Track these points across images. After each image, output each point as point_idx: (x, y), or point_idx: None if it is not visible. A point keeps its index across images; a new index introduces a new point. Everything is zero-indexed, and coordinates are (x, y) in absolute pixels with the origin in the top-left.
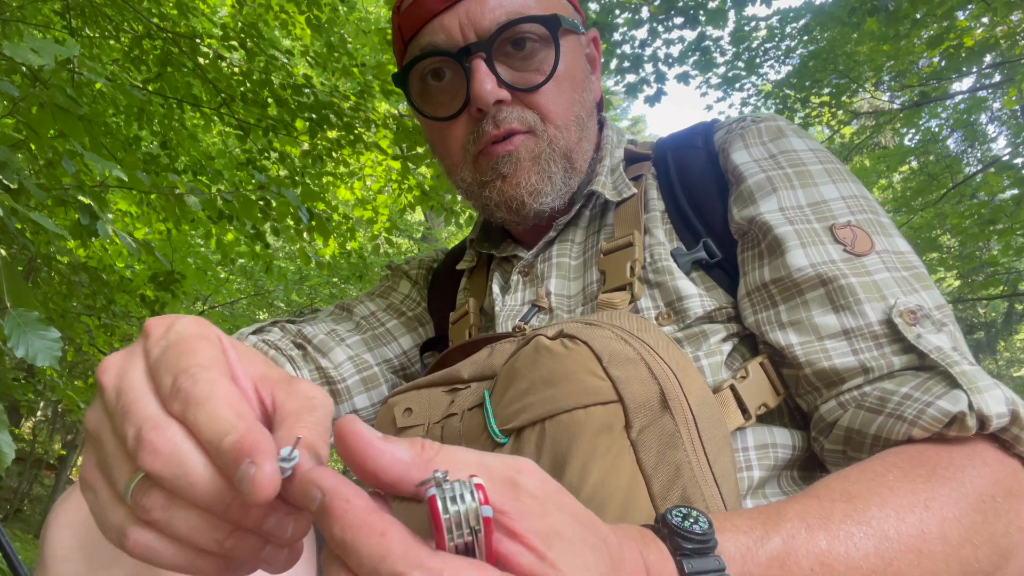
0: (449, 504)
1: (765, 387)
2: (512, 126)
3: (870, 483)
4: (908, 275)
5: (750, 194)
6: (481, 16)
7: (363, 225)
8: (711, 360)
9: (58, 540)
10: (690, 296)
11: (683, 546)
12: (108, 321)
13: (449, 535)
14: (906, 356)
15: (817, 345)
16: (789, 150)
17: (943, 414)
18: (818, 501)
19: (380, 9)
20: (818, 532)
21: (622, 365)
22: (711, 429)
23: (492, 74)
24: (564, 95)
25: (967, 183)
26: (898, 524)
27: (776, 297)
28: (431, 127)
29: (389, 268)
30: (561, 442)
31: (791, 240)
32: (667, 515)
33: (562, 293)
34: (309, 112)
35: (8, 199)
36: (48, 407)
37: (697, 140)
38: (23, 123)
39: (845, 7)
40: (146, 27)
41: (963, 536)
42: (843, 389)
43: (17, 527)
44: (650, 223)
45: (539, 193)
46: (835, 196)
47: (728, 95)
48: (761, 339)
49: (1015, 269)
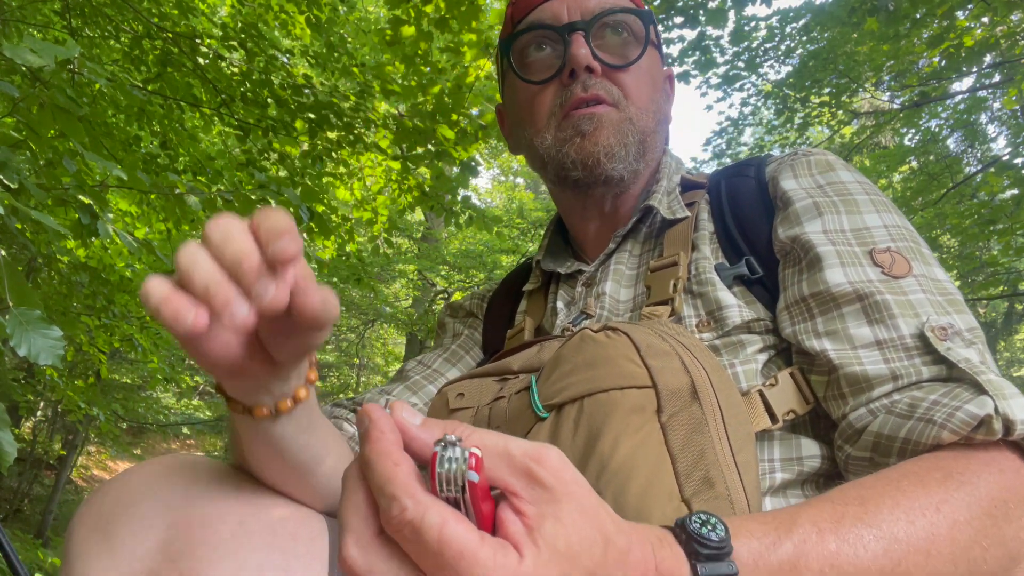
0: (446, 462)
1: (793, 395)
2: (598, 93)
3: (884, 488)
4: (943, 299)
5: (796, 216)
6: (587, 2)
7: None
8: (746, 367)
9: (82, 537)
10: (730, 306)
11: (699, 552)
12: (108, 321)
13: (440, 487)
14: (936, 367)
15: (851, 352)
16: (837, 182)
17: (971, 417)
18: (831, 505)
19: (380, 9)
20: (828, 536)
21: (658, 356)
22: (736, 424)
23: (588, 46)
24: (646, 87)
25: (967, 183)
26: (908, 526)
27: (814, 310)
28: (522, 91)
29: (445, 308)
30: (597, 418)
31: (831, 259)
32: (686, 521)
33: (615, 297)
34: (309, 112)
35: (9, 198)
36: (48, 407)
37: (750, 170)
38: (23, 123)
39: (845, 7)
40: (146, 27)
41: (972, 538)
42: (873, 396)
43: (17, 527)
44: (699, 241)
45: (614, 155)
46: (878, 224)
47: (728, 95)
48: (797, 348)
49: (1015, 269)
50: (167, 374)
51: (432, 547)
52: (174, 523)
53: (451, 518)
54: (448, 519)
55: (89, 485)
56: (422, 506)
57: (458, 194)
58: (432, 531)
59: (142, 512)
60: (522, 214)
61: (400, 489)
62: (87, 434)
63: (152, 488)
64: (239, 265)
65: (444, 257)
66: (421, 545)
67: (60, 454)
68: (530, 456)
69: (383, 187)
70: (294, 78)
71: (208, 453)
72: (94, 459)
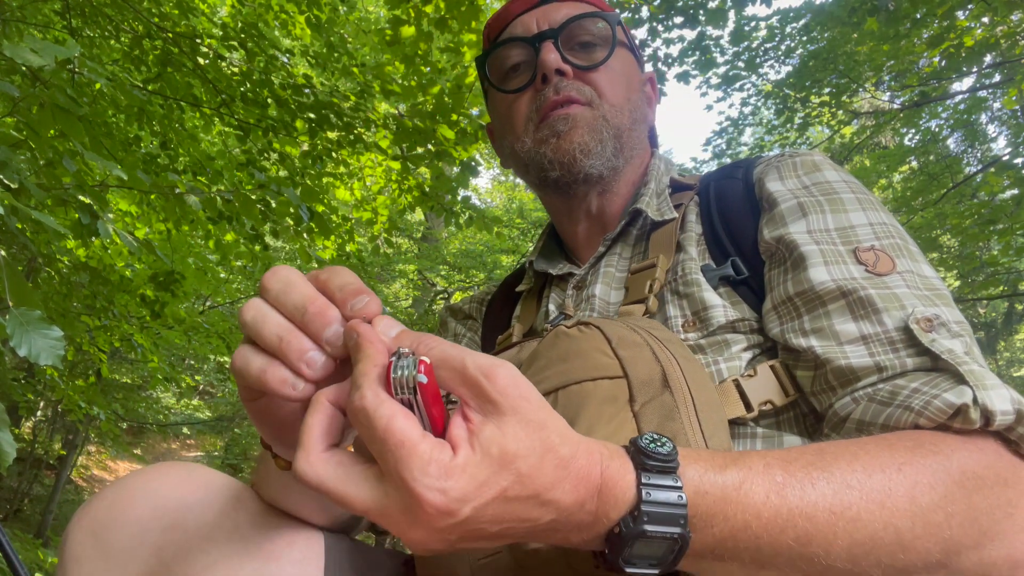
0: (398, 368)
1: (772, 386)
2: (571, 94)
3: (848, 447)
4: (929, 293)
5: (781, 217)
6: (555, 13)
7: (363, 226)
8: (729, 364)
9: (77, 542)
10: (715, 306)
11: (646, 463)
12: (108, 321)
13: (395, 390)
14: (920, 358)
15: (836, 348)
16: (822, 181)
17: (947, 405)
18: (787, 451)
19: (380, 9)
20: (776, 469)
21: (629, 347)
22: (708, 411)
23: (557, 51)
24: (619, 85)
25: (967, 183)
26: (863, 477)
27: (800, 309)
28: (501, 101)
29: (446, 309)
30: (571, 408)
31: (815, 257)
32: (638, 438)
33: (605, 299)
34: (309, 112)
35: (9, 198)
36: (48, 407)
37: (738, 172)
38: (23, 123)
39: (845, 7)
40: (146, 27)
41: (935, 502)
42: (858, 387)
43: (17, 527)
44: (685, 242)
45: (590, 152)
46: (863, 222)
47: (728, 95)
48: (783, 347)
49: (1015, 269)
50: (167, 374)
51: (379, 434)
52: (168, 529)
53: (399, 413)
54: (396, 413)
55: (89, 485)
56: (378, 399)
57: (458, 194)
58: (381, 420)
59: (137, 518)
60: (522, 214)
61: (366, 382)
62: (87, 434)
63: (148, 494)
64: (304, 311)
65: (444, 257)
66: (371, 431)
67: (60, 454)
68: (482, 371)
69: (383, 187)
70: (294, 78)
71: (208, 453)
72: (94, 459)
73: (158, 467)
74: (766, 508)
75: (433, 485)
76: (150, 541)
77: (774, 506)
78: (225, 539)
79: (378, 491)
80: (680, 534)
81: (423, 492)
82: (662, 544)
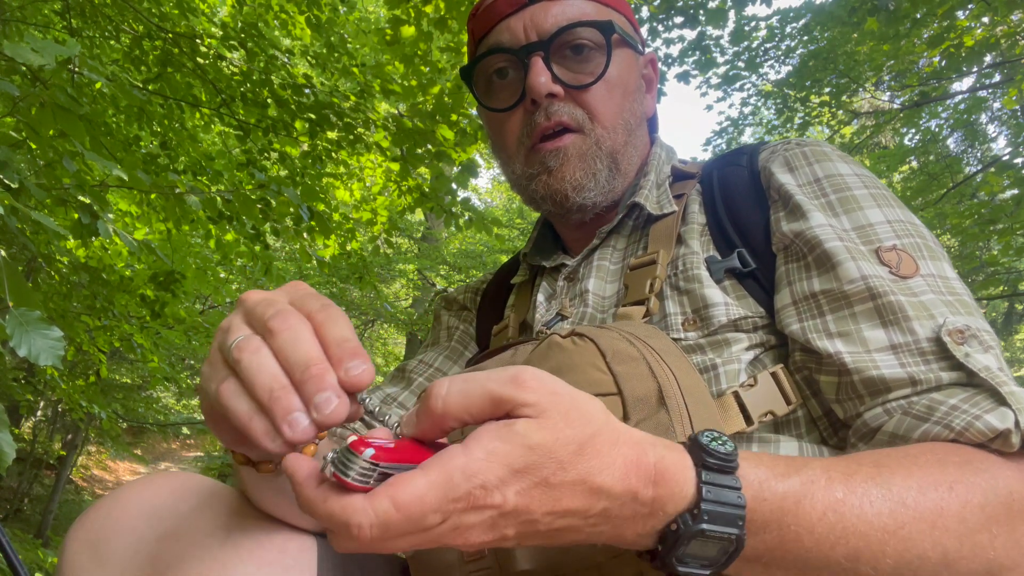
0: (342, 469)
1: (773, 396)
2: (562, 119)
3: (902, 459)
4: (954, 300)
5: (799, 210)
6: (544, 20)
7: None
8: (728, 368)
9: (74, 552)
10: (716, 304)
11: (706, 460)
12: (108, 321)
13: (358, 483)
14: (954, 373)
15: (865, 356)
16: (834, 174)
17: (990, 429)
18: (846, 462)
19: (380, 9)
20: (837, 483)
21: (624, 362)
22: (705, 428)
23: (547, 70)
24: (614, 99)
25: (967, 183)
26: (918, 495)
27: (824, 307)
28: (491, 119)
29: (440, 300)
30: None
31: (841, 254)
32: (699, 435)
33: (599, 293)
34: (309, 112)
35: (9, 198)
36: (48, 407)
37: (742, 159)
38: (23, 123)
39: (845, 7)
40: (146, 27)
41: (982, 523)
42: (889, 398)
43: (17, 527)
44: (687, 235)
45: (582, 188)
46: (880, 220)
47: (728, 95)
48: (803, 346)
49: (1015, 269)
50: (167, 374)
51: (402, 523)
52: (163, 538)
53: (400, 489)
54: (399, 493)
55: (89, 485)
56: (356, 513)
57: (457, 195)
58: (384, 515)
59: (132, 528)
60: (522, 214)
61: (345, 523)
62: (87, 434)
63: (143, 505)
64: (305, 370)
65: (444, 257)
66: (403, 526)
67: (60, 454)
68: (510, 381)
69: (383, 188)
70: (294, 78)
71: (208, 453)
72: (94, 459)
73: (153, 477)
74: (821, 524)
75: (469, 487)
76: (145, 551)
77: (830, 523)
78: (218, 547)
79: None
80: (737, 535)
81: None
82: (717, 545)
